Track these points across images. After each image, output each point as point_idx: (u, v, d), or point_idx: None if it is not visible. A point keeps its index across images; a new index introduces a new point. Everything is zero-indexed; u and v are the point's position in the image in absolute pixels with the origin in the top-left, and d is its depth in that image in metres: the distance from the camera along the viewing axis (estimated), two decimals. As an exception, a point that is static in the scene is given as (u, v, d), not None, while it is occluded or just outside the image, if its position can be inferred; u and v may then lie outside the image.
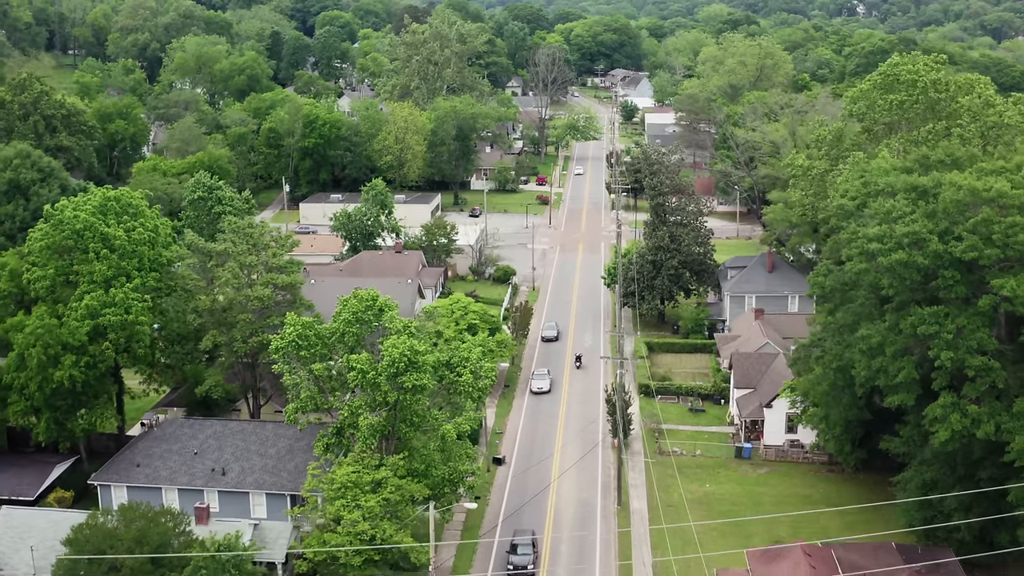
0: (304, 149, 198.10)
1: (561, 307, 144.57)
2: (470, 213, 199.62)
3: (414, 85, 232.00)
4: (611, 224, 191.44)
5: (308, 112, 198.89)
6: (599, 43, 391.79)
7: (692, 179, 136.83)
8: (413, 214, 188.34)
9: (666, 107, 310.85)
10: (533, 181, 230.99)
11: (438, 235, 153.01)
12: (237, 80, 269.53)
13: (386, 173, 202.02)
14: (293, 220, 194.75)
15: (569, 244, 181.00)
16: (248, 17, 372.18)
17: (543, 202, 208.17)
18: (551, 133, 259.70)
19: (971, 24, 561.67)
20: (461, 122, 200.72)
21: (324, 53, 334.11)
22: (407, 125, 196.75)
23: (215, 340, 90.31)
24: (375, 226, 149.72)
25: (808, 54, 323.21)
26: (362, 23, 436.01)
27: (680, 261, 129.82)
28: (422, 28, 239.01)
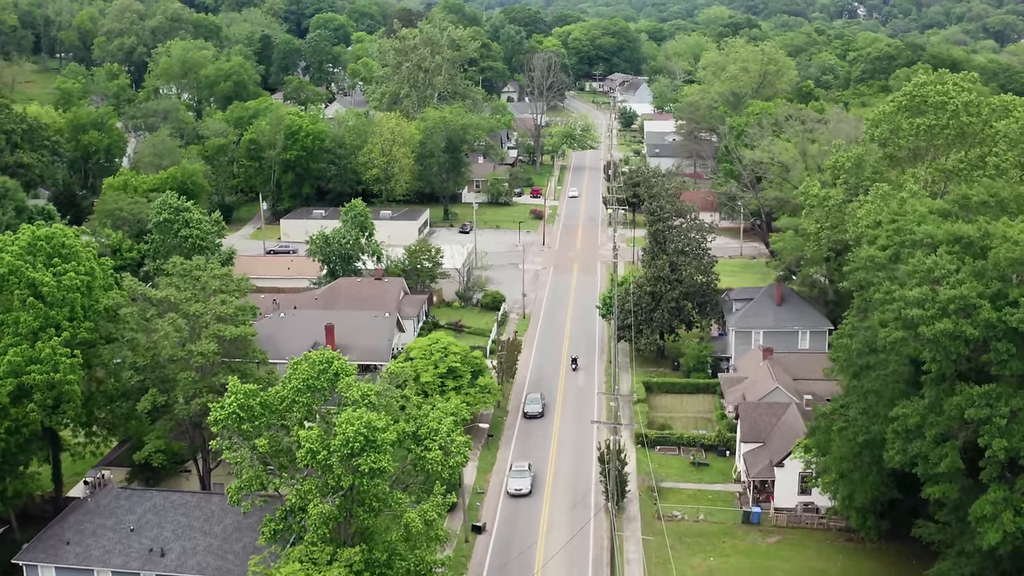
0: (286, 162, 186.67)
1: (553, 339, 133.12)
2: (460, 229, 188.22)
3: (404, 93, 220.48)
4: (608, 242, 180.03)
5: (290, 123, 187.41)
6: (597, 47, 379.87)
7: (695, 205, 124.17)
8: (399, 232, 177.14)
9: (665, 114, 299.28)
10: (527, 193, 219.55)
11: (422, 259, 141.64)
12: (223, 86, 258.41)
13: (372, 187, 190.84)
14: (273, 236, 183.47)
15: (563, 264, 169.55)
16: (239, 20, 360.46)
17: (537, 216, 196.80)
18: (547, 142, 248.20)
19: (974, 27, 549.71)
20: (451, 133, 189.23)
21: (315, 57, 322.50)
22: (394, 137, 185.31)
23: (155, 401, 78.90)
24: (354, 249, 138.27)
25: (811, 59, 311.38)
26: (356, 26, 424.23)
27: (681, 293, 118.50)
28: (412, 33, 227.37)
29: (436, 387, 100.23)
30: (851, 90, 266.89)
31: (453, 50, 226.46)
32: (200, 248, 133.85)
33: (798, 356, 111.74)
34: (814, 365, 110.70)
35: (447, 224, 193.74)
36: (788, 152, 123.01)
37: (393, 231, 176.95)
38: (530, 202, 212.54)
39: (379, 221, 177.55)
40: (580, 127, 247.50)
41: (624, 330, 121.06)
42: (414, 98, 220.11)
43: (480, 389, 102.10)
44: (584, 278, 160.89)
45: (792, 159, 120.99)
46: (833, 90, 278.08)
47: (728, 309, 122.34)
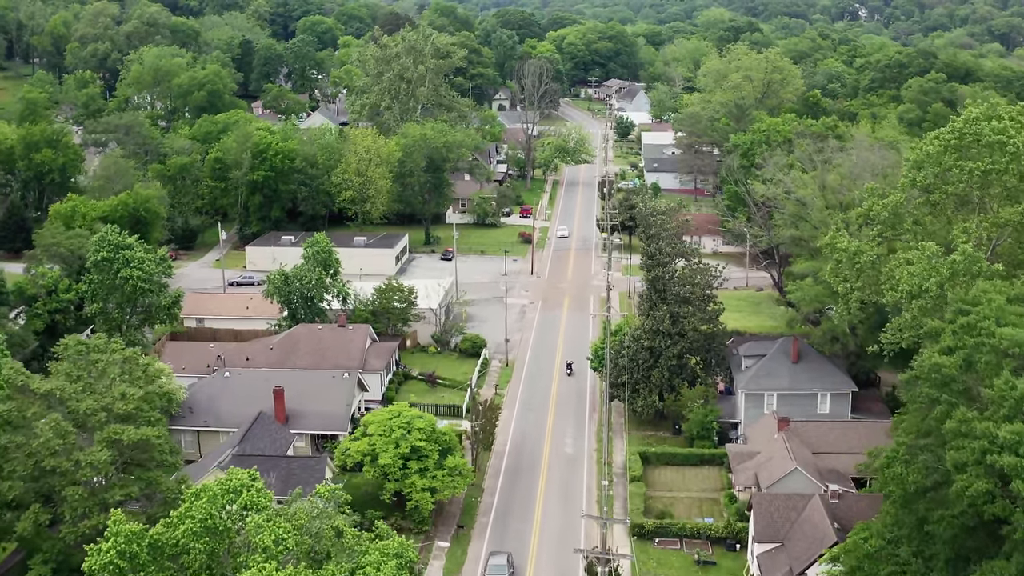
0: (253, 183, 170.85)
1: (538, 393, 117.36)
2: (442, 255, 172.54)
3: (384, 105, 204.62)
4: (602, 270, 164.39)
5: (259, 140, 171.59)
6: (593, 51, 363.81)
7: (699, 244, 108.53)
8: (374, 261, 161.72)
9: (664, 123, 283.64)
10: (517, 212, 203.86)
11: (394, 300, 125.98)
12: (197, 96, 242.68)
13: (347, 210, 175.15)
14: (238, 265, 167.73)
15: (553, 297, 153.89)
16: (220, 24, 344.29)
17: (526, 240, 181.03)
18: (538, 156, 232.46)
19: (978, 30, 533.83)
20: (432, 152, 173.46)
21: (297, 63, 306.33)
22: (370, 156, 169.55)
23: (36, 519, 63.27)
24: (317, 289, 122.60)
25: (817, 65, 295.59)
26: (345, 29, 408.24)
27: (684, 348, 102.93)
28: (395, 40, 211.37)
29: (397, 471, 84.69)
30: (860, 99, 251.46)
31: (438, 59, 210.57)
32: (143, 291, 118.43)
33: (817, 425, 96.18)
34: (836, 435, 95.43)
35: (428, 249, 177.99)
36: (806, 187, 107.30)
37: (367, 260, 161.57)
38: (519, 223, 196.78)
39: (352, 249, 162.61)
40: (574, 140, 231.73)
41: (618, 388, 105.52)
42: (396, 110, 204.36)
43: (449, 472, 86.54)
44: (575, 316, 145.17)
45: (810, 195, 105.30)
46: (841, 99, 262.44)
47: (737, 365, 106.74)
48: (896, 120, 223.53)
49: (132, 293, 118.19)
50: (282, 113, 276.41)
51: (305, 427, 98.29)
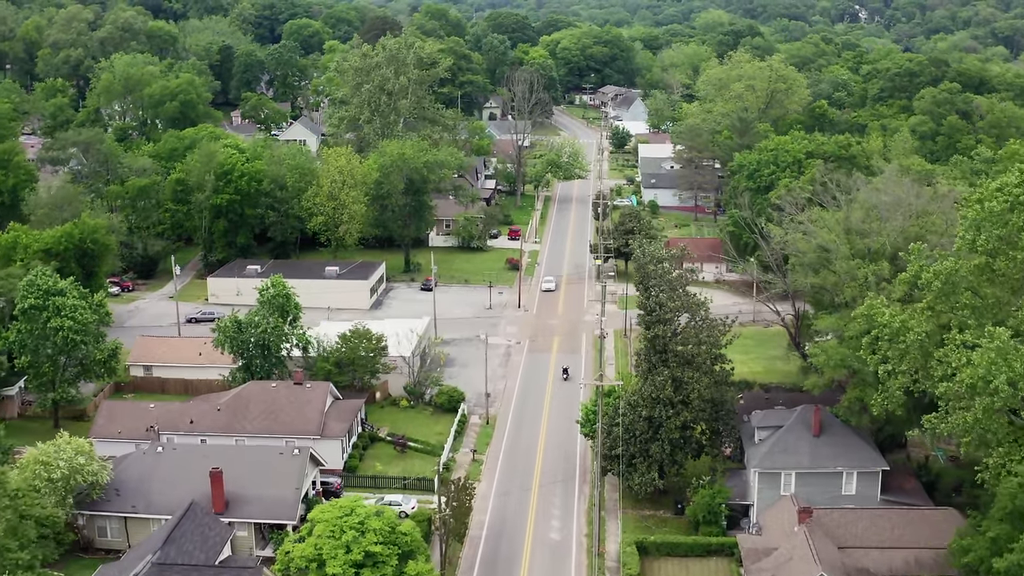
0: (217, 207, 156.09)
1: (521, 459, 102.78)
2: (422, 286, 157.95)
3: (364, 118, 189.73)
4: (596, 302, 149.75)
5: (223, 161, 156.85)
6: (588, 57, 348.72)
7: (707, 300, 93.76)
8: (347, 294, 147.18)
9: (662, 134, 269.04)
10: (505, 233, 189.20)
11: (360, 349, 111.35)
12: (169, 107, 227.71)
13: (319, 236, 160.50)
14: (200, 297, 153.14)
15: (541, 336, 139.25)
16: (201, 29, 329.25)
17: (513, 267, 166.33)
18: (529, 171, 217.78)
19: (982, 32, 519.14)
20: (412, 173, 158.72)
21: (279, 70, 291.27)
22: (343, 178, 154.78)
23: None
24: (274, 339, 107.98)
25: (821, 72, 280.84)
26: (333, 32, 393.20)
27: (689, 419, 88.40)
28: (381, 45, 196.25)
29: (347, 583, 70.14)
30: (869, 110, 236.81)
31: (421, 69, 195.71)
32: (75, 343, 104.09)
33: (843, 513, 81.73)
34: (866, 525, 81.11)
35: (408, 278, 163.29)
36: (830, 233, 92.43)
37: (340, 293, 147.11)
38: (507, 246, 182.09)
39: (323, 281, 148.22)
40: (567, 153, 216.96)
41: (611, 461, 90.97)
42: (376, 124, 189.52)
43: (411, 582, 71.99)
44: (566, 359, 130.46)
45: (834, 241, 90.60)
46: (848, 109, 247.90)
47: (748, 436, 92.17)
48: (908, 133, 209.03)
49: (63, 346, 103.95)
50: (262, 123, 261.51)
51: (247, 515, 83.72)
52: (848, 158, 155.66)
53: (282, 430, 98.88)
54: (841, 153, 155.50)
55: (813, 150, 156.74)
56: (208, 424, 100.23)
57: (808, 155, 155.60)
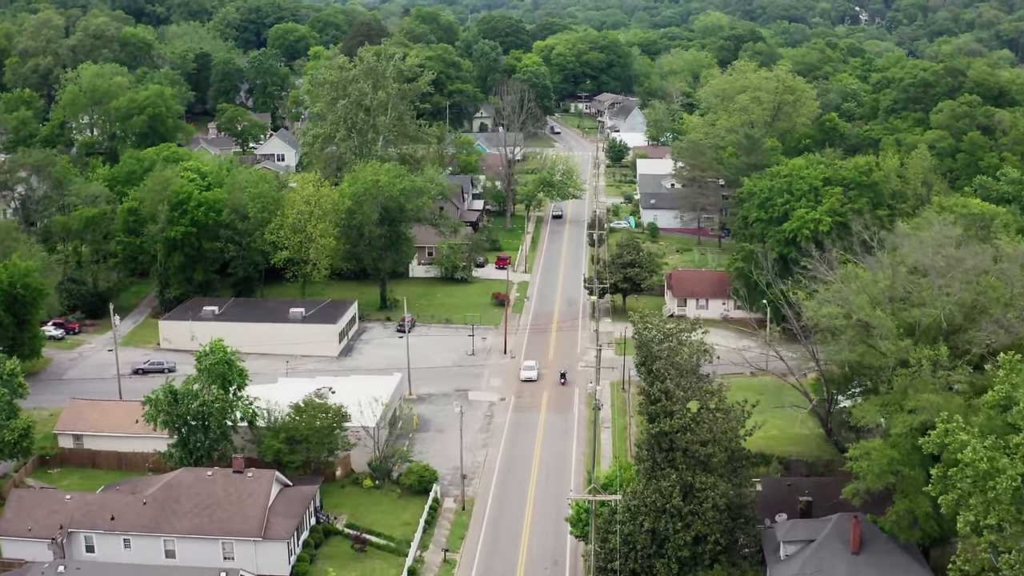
0: (172, 240, 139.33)
1: (499, 565, 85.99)
2: (398, 327, 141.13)
3: (340, 136, 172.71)
4: (591, 346, 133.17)
5: (178, 189, 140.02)
6: (584, 63, 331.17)
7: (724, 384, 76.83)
8: (313, 340, 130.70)
9: (661, 146, 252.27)
10: (493, 261, 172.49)
11: (317, 420, 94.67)
12: (136, 121, 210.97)
13: (285, 272, 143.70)
14: (151, 342, 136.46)
15: (529, 390, 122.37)
16: (180, 35, 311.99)
17: (500, 303, 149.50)
18: (520, 190, 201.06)
19: (986, 35, 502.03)
20: (387, 202, 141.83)
21: (259, 79, 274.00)
22: (310, 208, 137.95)
23: None
24: (215, 414, 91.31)
25: (829, 80, 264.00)
26: (320, 37, 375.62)
27: (701, 532, 71.76)
28: (352, 62, 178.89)
29: None
30: (881, 123, 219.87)
31: (402, 82, 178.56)
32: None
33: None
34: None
35: (383, 317, 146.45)
36: (871, 304, 75.33)
37: (305, 339, 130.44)
38: (494, 276, 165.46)
39: (286, 326, 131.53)
40: (560, 171, 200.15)
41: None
42: (353, 143, 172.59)
43: None
44: (556, 420, 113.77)
45: (879, 319, 73.45)
46: (859, 121, 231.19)
47: (772, 550, 75.50)
48: (926, 149, 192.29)
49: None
50: (239, 137, 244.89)
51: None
52: (869, 185, 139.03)
53: (218, 530, 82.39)
54: (861, 179, 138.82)
55: (831, 176, 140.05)
56: (132, 521, 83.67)
57: (826, 181, 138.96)
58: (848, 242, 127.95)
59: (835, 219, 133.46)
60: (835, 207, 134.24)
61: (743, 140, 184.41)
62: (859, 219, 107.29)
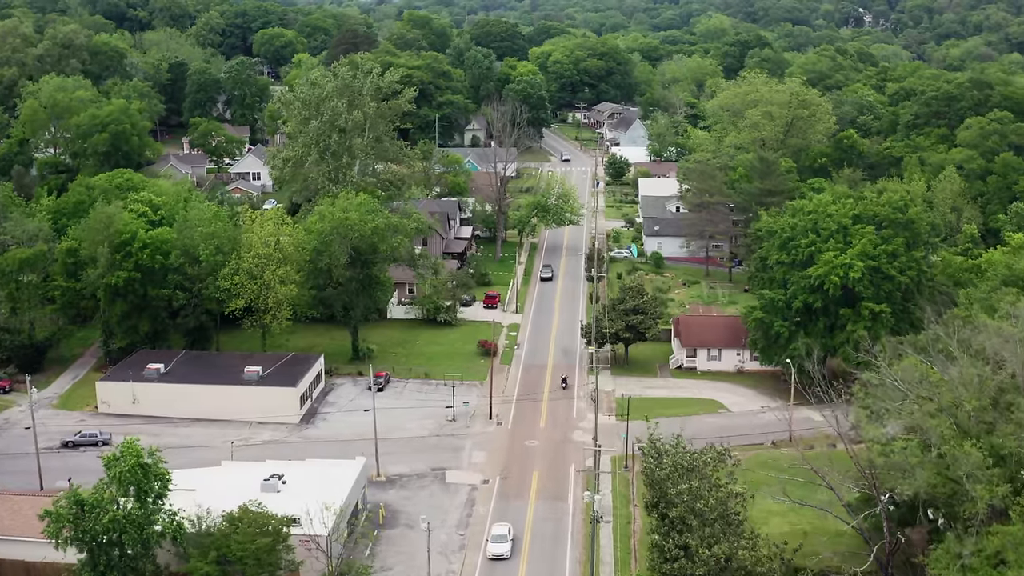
0: (113, 287, 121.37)
1: None
2: (370, 384, 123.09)
3: (311, 160, 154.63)
4: (588, 409, 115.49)
5: (121, 228, 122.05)
6: (582, 71, 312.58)
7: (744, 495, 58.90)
8: (271, 405, 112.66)
9: (665, 163, 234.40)
10: (481, 298, 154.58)
11: (256, 541, 76.64)
12: (98, 139, 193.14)
13: (243, 324, 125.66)
14: (88, 405, 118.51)
15: (516, 468, 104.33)
16: (159, 42, 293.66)
17: (486, 351, 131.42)
18: (512, 215, 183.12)
19: (995, 38, 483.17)
20: (357, 242, 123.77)
21: (236, 89, 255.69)
22: (269, 251, 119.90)
23: None
24: (130, 530, 73.41)
25: (842, 91, 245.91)
26: (308, 42, 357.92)
27: None
28: (326, 77, 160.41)
29: None
30: (902, 140, 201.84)
31: (380, 100, 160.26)
32: None
33: None
34: None
35: (355, 371, 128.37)
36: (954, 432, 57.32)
37: (262, 405, 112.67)
38: (481, 317, 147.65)
39: (241, 388, 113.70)
40: (555, 194, 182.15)
41: None
42: (326, 168, 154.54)
43: None
44: (547, 509, 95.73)
45: (966, 452, 55.51)
46: (876, 137, 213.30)
47: None
48: (954, 170, 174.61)
49: None
50: (213, 153, 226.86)
51: None
52: (904, 223, 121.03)
53: None
54: (896, 216, 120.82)
55: (861, 212, 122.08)
56: None
57: (855, 219, 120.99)
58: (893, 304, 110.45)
59: (867, 263, 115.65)
60: (867, 250, 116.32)
61: (757, 163, 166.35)
62: (920, 305, 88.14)
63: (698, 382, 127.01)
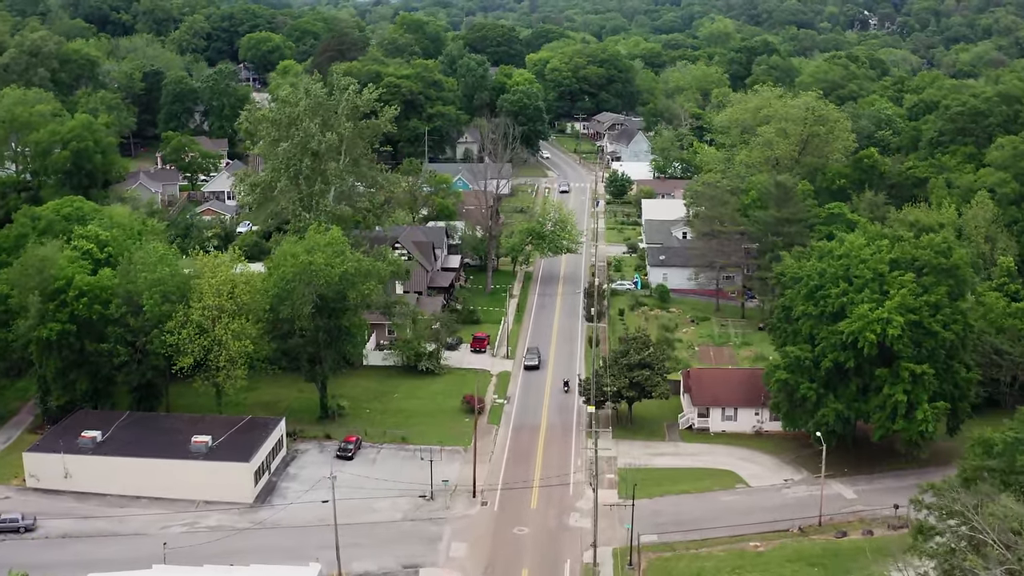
0: (45, 341, 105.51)
1: None
2: (339, 450, 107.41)
3: (281, 186, 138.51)
4: (587, 487, 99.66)
5: (56, 273, 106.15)
6: (581, 79, 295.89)
7: None
8: (222, 482, 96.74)
9: (669, 180, 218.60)
10: (468, 339, 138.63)
11: None
12: (59, 156, 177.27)
13: (193, 382, 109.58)
14: (15, 477, 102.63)
15: (503, 572, 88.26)
16: (132, 50, 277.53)
17: (470, 408, 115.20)
18: (504, 243, 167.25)
19: (1005, 42, 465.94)
20: (323, 289, 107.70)
21: (215, 99, 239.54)
22: (221, 301, 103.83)
23: None
24: None
25: (858, 102, 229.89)
26: (296, 47, 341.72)
27: None
28: (298, 94, 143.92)
29: None
30: (926, 159, 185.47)
31: (357, 119, 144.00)
32: None
33: None
34: None
35: (322, 434, 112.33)
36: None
37: (210, 482, 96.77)
38: (468, 364, 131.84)
39: (185, 462, 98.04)
40: (551, 220, 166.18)
41: None
42: (297, 195, 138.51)
43: None
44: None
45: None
46: (897, 155, 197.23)
47: None
48: (987, 196, 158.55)
49: None
50: (186, 170, 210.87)
51: None
52: (948, 269, 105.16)
53: None
54: (938, 262, 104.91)
55: (898, 257, 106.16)
56: None
57: (892, 264, 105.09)
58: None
59: (908, 317, 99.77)
60: (907, 302, 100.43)
61: (773, 189, 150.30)
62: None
63: (711, 447, 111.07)
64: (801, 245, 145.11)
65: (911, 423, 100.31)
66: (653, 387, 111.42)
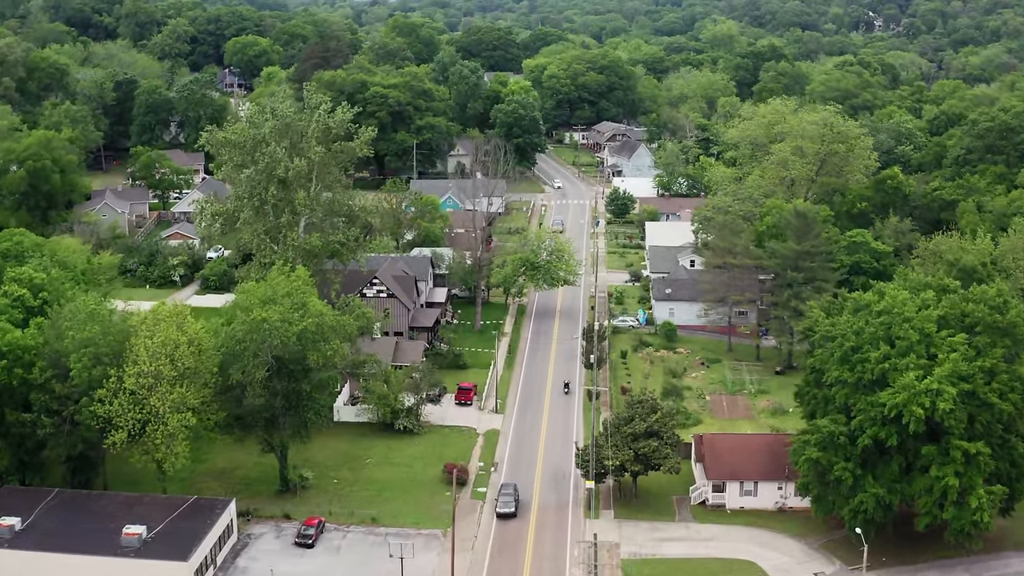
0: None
1: None
2: (298, 536, 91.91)
3: (243, 218, 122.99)
4: (584, 564, 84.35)
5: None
6: (580, 86, 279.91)
7: None
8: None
9: (675, 199, 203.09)
10: (453, 389, 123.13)
11: None
12: (13, 178, 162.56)
13: (131, 461, 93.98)
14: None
15: None
16: (106, 56, 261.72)
17: (451, 478, 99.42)
18: (495, 274, 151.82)
19: (1015, 45, 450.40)
20: (280, 351, 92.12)
21: (190, 111, 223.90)
22: (158, 366, 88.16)
23: None
24: None
25: (874, 113, 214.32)
26: (284, 51, 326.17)
27: None
28: (263, 115, 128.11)
29: None
30: (953, 178, 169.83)
31: (330, 143, 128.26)
32: None
33: None
34: None
35: (279, 513, 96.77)
36: None
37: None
38: (451, 420, 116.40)
39: (113, 560, 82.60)
40: (546, 249, 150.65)
41: None
42: (263, 227, 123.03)
43: None
44: None
45: None
46: (919, 173, 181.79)
47: None
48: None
49: None
50: (156, 187, 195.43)
51: None
52: (1003, 328, 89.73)
53: None
54: (994, 319, 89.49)
55: (946, 314, 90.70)
56: None
57: (940, 323, 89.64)
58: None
59: (960, 387, 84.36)
60: (959, 368, 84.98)
61: (793, 219, 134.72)
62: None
63: (728, 529, 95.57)
64: (823, 280, 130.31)
65: (963, 510, 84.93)
66: (661, 460, 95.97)
